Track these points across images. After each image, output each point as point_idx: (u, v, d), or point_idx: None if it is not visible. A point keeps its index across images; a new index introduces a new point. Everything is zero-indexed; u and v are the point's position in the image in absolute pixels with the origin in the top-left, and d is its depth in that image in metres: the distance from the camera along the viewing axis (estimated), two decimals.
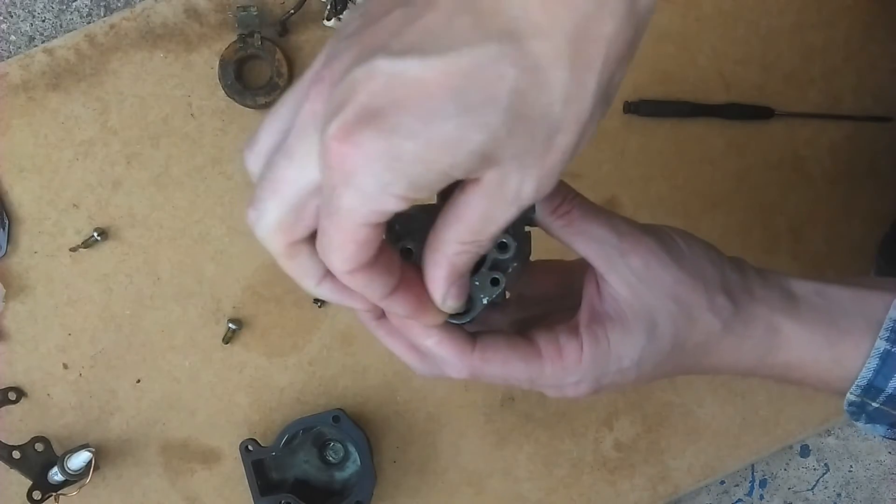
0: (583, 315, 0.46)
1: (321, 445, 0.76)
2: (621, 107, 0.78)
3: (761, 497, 0.92)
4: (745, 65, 0.80)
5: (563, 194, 0.45)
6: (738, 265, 0.49)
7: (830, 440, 0.92)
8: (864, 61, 0.80)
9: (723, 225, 0.80)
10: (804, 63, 0.80)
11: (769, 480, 0.92)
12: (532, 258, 0.50)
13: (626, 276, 0.44)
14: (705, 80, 0.79)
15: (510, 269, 0.43)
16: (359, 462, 0.74)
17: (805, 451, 0.92)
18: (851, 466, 0.92)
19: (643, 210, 0.79)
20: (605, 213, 0.45)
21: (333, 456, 0.76)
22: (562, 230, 0.45)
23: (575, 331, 0.45)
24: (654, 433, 0.80)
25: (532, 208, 0.45)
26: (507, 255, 0.42)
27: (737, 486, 0.91)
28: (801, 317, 0.47)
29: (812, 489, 0.92)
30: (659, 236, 0.45)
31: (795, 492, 0.92)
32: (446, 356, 0.44)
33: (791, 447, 0.91)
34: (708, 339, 0.46)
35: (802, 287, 0.48)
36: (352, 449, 0.75)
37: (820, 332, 0.47)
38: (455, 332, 0.44)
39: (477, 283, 0.42)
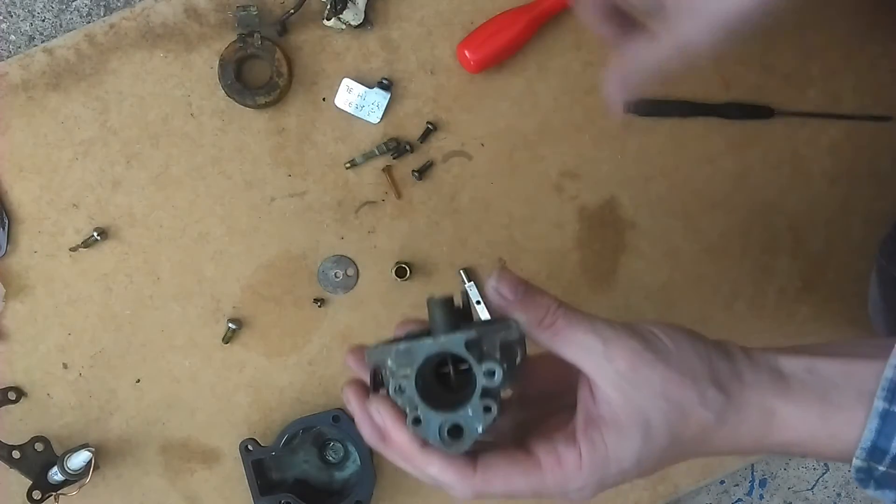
0: (579, 420, 0.47)
1: (321, 445, 0.76)
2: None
3: (761, 497, 0.92)
4: (745, 64, 0.80)
5: (546, 307, 0.46)
6: (725, 351, 0.49)
7: None
8: (864, 61, 0.80)
9: (723, 225, 0.80)
10: (804, 63, 0.80)
11: (769, 480, 0.92)
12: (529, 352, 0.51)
13: (616, 381, 0.45)
14: (705, 80, 0.79)
15: (501, 393, 0.44)
16: (358, 462, 0.74)
17: None
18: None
19: (643, 210, 0.79)
20: (588, 320, 0.46)
21: (333, 456, 0.76)
22: (549, 341, 0.46)
23: (572, 437, 0.46)
24: None
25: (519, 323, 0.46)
26: (495, 383, 0.43)
27: (737, 485, 0.91)
28: (793, 396, 0.48)
29: (812, 489, 0.92)
30: (643, 336, 0.46)
31: (795, 491, 0.92)
32: (449, 483, 0.45)
33: None
34: (703, 431, 0.47)
35: (791, 365, 0.49)
36: (351, 449, 0.75)
37: (813, 411, 0.48)
38: (455, 457, 0.45)
39: (470, 412, 0.43)
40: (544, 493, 0.47)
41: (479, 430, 0.43)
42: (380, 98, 0.76)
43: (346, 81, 0.77)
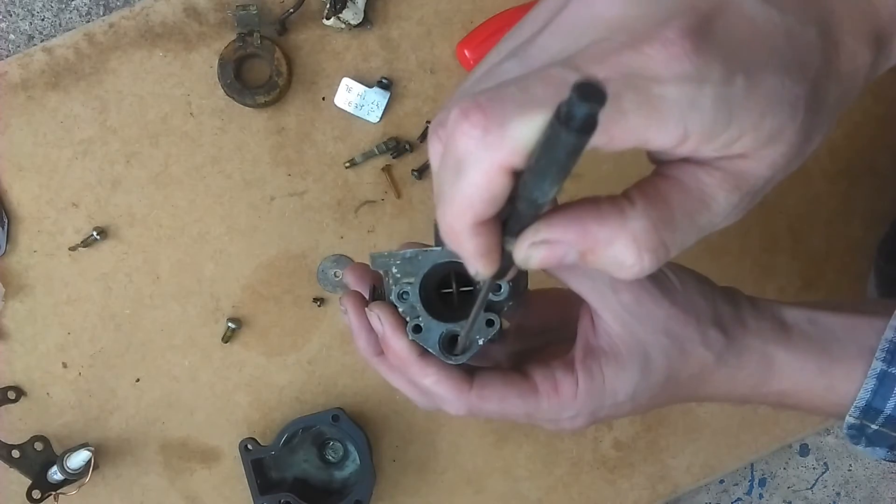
0: (578, 350, 0.46)
1: (321, 444, 0.76)
2: None
3: (760, 496, 0.92)
4: None
5: None
6: (731, 296, 0.49)
7: (830, 439, 0.92)
8: None
9: None
10: None
11: (768, 479, 0.92)
12: (530, 286, 0.51)
13: (619, 313, 0.45)
14: None
15: (505, 309, 0.43)
16: (358, 461, 0.75)
17: (804, 450, 0.92)
18: (851, 465, 0.92)
19: None
20: None
21: (333, 455, 0.76)
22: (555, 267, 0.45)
23: (570, 366, 0.46)
24: (654, 432, 0.80)
25: None
26: (501, 297, 0.43)
27: (736, 485, 0.92)
28: (793, 346, 0.48)
29: (811, 488, 0.92)
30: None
31: (795, 491, 0.92)
32: (444, 395, 0.45)
33: (790, 446, 0.91)
34: (701, 372, 0.47)
35: (794, 315, 0.49)
36: (351, 448, 0.75)
37: (812, 361, 0.48)
38: (452, 371, 0.44)
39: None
40: (536, 418, 0.46)
41: (480, 342, 0.43)
42: (379, 97, 0.76)
43: (346, 81, 0.77)
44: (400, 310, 0.44)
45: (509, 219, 0.34)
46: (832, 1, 0.36)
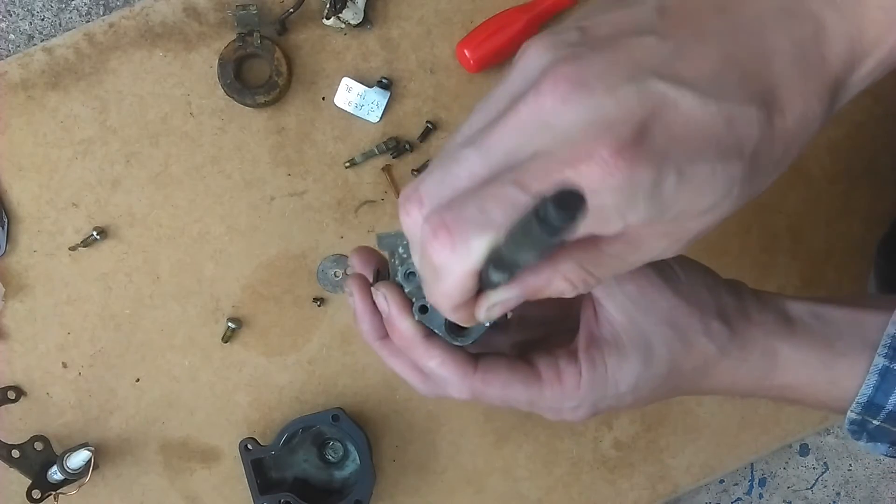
0: (581, 340, 0.46)
1: (321, 444, 0.76)
2: None
3: (760, 496, 0.92)
4: None
5: None
6: (735, 289, 0.49)
7: (830, 439, 0.92)
8: None
9: (722, 224, 0.80)
10: None
11: (768, 479, 0.92)
12: None
13: (622, 302, 0.45)
14: None
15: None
16: (358, 461, 0.75)
17: (804, 450, 0.92)
18: (850, 465, 0.92)
19: None
20: None
21: (333, 455, 0.76)
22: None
23: (574, 356, 0.46)
24: (654, 432, 0.80)
25: None
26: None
27: (736, 485, 0.92)
28: (797, 339, 0.48)
29: (811, 488, 0.92)
30: (655, 262, 0.46)
31: (795, 490, 0.92)
32: (448, 377, 0.45)
33: (790, 446, 0.91)
34: (704, 364, 0.47)
35: (798, 309, 0.49)
36: (351, 448, 0.75)
37: (816, 355, 0.48)
38: (457, 353, 0.44)
39: None
40: (539, 407, 0.46)
41: (487, 324, 0.43)
42: (379, 97, 0.76)
43: (346, 80, 0.77)
44: (406, 290, 0.44)
45: (493, 260, 0.37)
46: (776, 68, 0.38)
